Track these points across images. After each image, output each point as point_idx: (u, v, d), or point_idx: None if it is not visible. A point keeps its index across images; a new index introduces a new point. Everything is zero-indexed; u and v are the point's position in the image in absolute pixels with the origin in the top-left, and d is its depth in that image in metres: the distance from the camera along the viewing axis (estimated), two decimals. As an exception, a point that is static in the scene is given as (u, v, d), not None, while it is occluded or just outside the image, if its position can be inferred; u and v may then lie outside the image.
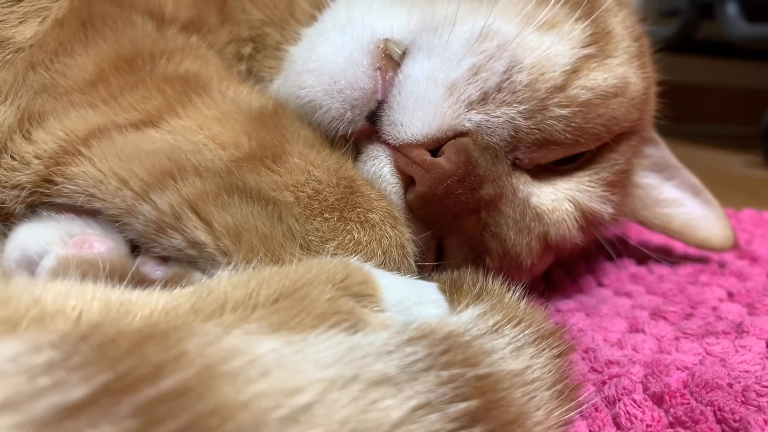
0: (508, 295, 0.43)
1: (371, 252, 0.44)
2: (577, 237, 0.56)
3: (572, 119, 0.51)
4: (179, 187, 0.43)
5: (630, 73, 0.55)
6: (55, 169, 0.45)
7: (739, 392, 0.45)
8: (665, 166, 0.72)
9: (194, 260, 0.44)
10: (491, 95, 0.48)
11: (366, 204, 0.46)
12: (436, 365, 0.31)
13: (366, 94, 0.48)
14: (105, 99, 0.48)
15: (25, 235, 0.46)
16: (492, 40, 0.49)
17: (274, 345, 0.29)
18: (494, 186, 0.49)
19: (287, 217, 0.43)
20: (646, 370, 0.47)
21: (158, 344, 0.26)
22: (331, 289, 0.36)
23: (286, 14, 0.61)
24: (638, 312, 0.60)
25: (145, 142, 0.46)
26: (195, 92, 0.49)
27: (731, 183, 1.54)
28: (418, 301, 0.40)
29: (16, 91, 0.49)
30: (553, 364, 0.38)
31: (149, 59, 0.51)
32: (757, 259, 0.76)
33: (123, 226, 0.45)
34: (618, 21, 0.57)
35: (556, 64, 0.51)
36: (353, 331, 0.33)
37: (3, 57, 0.50)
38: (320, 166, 0.46)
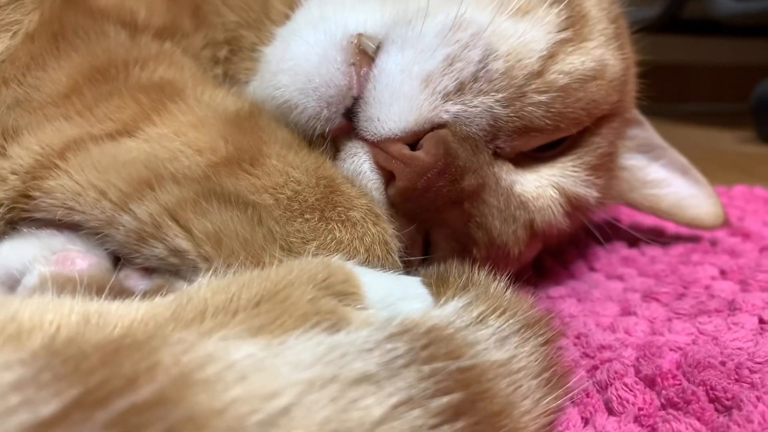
0: (493, 285, 0.43)
1: (354, 250, 0.44)
2: (563, 223, 0.55)
3: (551, 105, 0.50)
4: (157, 195, 0.43)
5: (608, 55, 0.55)
6: (32, 183, 0.45)
7: (732, 370, 0.44)
8: (651, 146, 0.72)
9: (177, 269, 0.44)
10: (468, 85, 0.48)
11: (346, 202, 0.46)
12: (417, 360, 0.31)
13: (341, 91, 0.47)
14: (80, 111, 0.48)
15: (6, 253, 0.45)
16: (466, 29, 0.49)
17: (252, 349, 0.29)
18: (476, 176, 0.48)
19: (267, 220, 0.43)
20: (638, 353, 0.47)
21: (132, 355, 0.26)
22: (312, 290, 0.36)
23: (260, 15, 0.60)
24: (630, 295, 0.60)
25: (122, 152, 0.45)
26: (170, 99, 0.49)
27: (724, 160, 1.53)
28: (402, 297, 0.40)
29: (-12, 108, 0.49)
30: (539, 352, 0.38)
31: (123, 68, 0.51)
32: (749, 235, 0.76)
33: (104, 238, 0.45)
34: (593, 3, 0.57)
35: (532, 50, 0.50)
36: (335, 330, 0.33)
37: (-26, 74, 0.49)
38: (299, 167, 0.46)
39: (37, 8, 0.53)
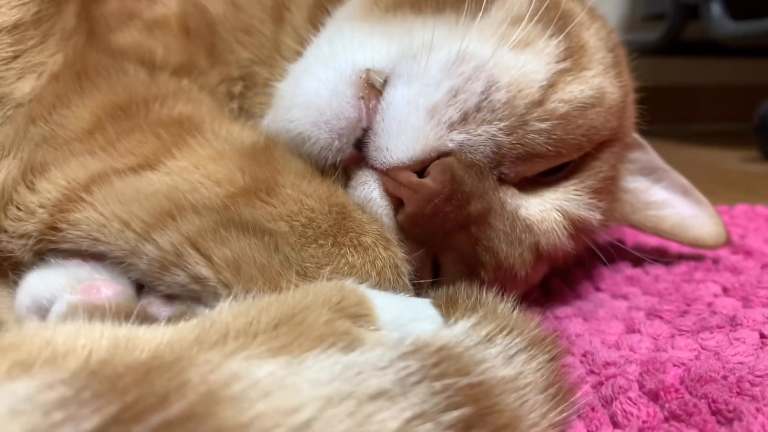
0: (501, 305, 0.45)
1: (366, 274, 0.46)
2: (568, 245, 0.57)
3: (552, 132, 0.52)
4: (179, 225, 0.45)
5: (606, 83, 0.57)
6: (59, 216, 0.47)
7: (733, 383, 0.46)
8: (653, 169, 0.74)
9: (198, 295, 0.46)
10: (471, 115, 0.50)
11: (358, 228, 0.48)
12: (429, 377, 0.32)
13: (351, 123, 0.50)
14: (103, 146, 0.51)
15: (35, 283, 0.48)
16: (469, 62, 0.51)
17: (274, 368, 0.31)
18: (482, 201, 0.50)
19: (283, 246, 0.45)
20: (642, 369, 0.49)
21: (163, 375, 0.28)
22: (327, 312, 0.38)
23: (273, 52, 0.63)
24: (634, 313, 0.61)
25: (144, 185, 0.48)
26: (189, 133, 0.51)
27: (729, 180, 1.55)
28: (413, 318, 0.42)
29: (18, 145, 0.51)
30: (545, 368, 0.39)
31: (143, 105, 0.54)
32: (751, 252, 0.78)
33: (128, 267, 0.47)
34: (591, 34, 0.59)
35: (532, 80, 0.53)
36: (350, 350, 0.35)
37: (4, 113, 0.52)
38: (312, 195, 0.48)
39: (60, 50, 0.56)
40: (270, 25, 0.64)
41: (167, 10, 0.63)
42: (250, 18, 0.63)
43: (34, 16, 0.54)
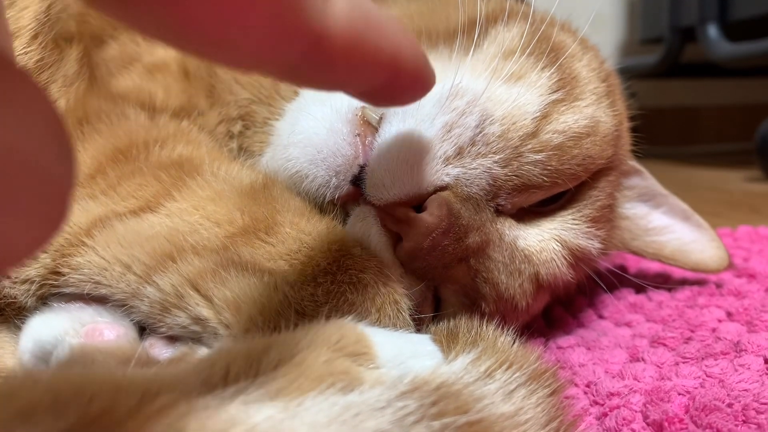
0: (501, 339, 0.45)
1: (366, 311, 0.46)
2: (567, 274, 0.57)
3: (548, 163, 0.53)
4: (179, 267, 0.46)
5: (599, 112, 0.57)
6: (61, 260, 0.48)
7: (739, 411, 0.46)
8: (652, 195, 0.74)
9: (199, 336, 0.46)
10: (466, 149, 0.51)
11: (357, 265, 0.48)
12: (427, 416, 0.32)
13: (348, 160, 0.50)
14: (104, 190, 0.51)
15: (37, 327, 0.48)
16: (462, 97, 0.52)
17: (272, 412, 0.31)
18: (479, 234, 0.51)
19: (283, 286, 0.45)
20: (646, 399, 0.48)
21: (161, 421, 0.28)
22: (327, 352, 0.38)
23: (271, 91, 0.64)
24: (638, 341, 0.61)
25: (145, 228, 0.48)
26: (189, 175, 0.52)
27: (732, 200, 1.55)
28: (412, 355, 0.42)
29: (21, 191, 0.52)
30: (546, 403, 0.39)
31: (143, 148, 0.55)
32: (754, 275, 0.77)
33: (129, 309, 0.47)
34: (583, 65, 0.60)
35: (526, 112, 0.53)
36: (349, 390, 0.35)
37: (7, 160, 0.53)
38: (311, 233, 0.49)
39: (62, 96, 0.57)
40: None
41: (167, 54, 0.64)
42: None
43: (36, 64, 0.55)
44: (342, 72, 0.30)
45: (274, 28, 0.25)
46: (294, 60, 0.27)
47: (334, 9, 0.27)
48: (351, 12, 0.28)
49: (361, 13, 0.29)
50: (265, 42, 0.25)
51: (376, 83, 0.33)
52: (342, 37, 0.28)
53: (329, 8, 0.27)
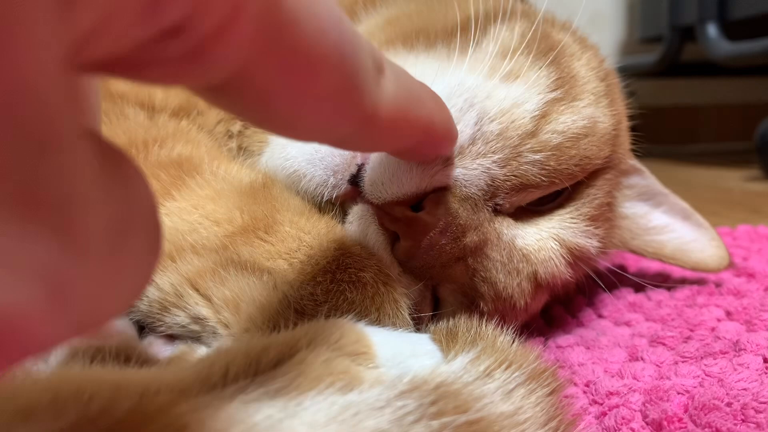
0: (500, 338, 0.45)
1: (365, 310, 0.46)
2: (566, 273, 0.57)
3: (546, 163, 0.53)
4: (178, 266, 0.46)
5: (598, 112, 0.57)
6: None
7: (738, 411, 0.46)
8: (652, 194, 0.74)
9: (198, 335, 0.46)
10: (467, 148, 0.51)
11: (356, 264, 0.48)
12: (426, 415, 0.32)
13: (346, 160, 0.50)
14: (103, 189, 0.51)
15: (37, 327, 0.48)
16: (460, 95, 0.52)
17: (271, 411, 0.31)
18: (477, 233, 0.51)
19: (282, 285, 0.46)
20: (645, 398, 0.48)
21: (160, 420, 0.28)
22: (326, 351, 0.38)
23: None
24: (637, 340, 0.61)
25: (144, 227, 0.48)
26: (188, 174, 0.52)
27: (731, 199, 1.55)
28: (411, 354, 0.42)
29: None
30: (545, 402, 0.39)
31: (143, 147, 0.55)
32: (754, 274, 0.77)
33: (128, 309, 0.47)
34: (582, 64, 0.60)
35: (524, 110, 0.53)
36: (348, 390, 0.35)
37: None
38: (310, 232, 0.49)
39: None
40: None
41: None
42: None
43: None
44: (384, 140, 0.35)
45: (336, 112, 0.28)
46: (346, 135, 0.31)
47: (385, 90, 0.31)
48: (397, 90, 0.32)
49: (405, 90, 0.33)
50: (327, 122, 0.29)
51: (411, 145, 0.37)
52: (389, 114, 0.31)
53: (381, 90, 0.30)
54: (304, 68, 0.25)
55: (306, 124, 0.28)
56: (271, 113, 0.27)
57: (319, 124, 0.29)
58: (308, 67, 0.25)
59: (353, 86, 0.28)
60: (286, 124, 0.28)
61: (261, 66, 0.24)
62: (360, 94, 0.29)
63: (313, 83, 0.26)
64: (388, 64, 0.31)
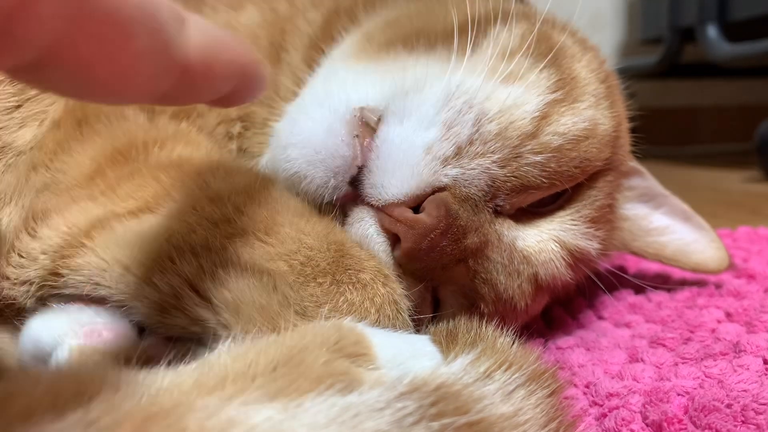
0: (500, 339, 0.45)
1: (365, 311, 0.46)
2: (566, 275, 0.57)
3: (546, 164, 0.53)
4: (178, 267, 0.46)
5: (598, 114, 0.57)
6: (60, 262, 0.48)
7: (738, 412, 0.46)
8: (652, 195, 0.74)
9: (198, 336, 0.46)
10: (465, 149, 0.50)
11: (356, 265, 0.48)
12: (426, 416, 0.32)
13: (347, 161, 0.50)
14: (103, 191, 0.51)
15: (37, 328, 0.48)
16: (459, 97, 0.52)
17: (271, 413, 0.31)
18: (478, 234, 0.51)
19: (282, 286, 0.45)
20: (645, 399, 0.48)
21: (160, 422, 0.28)
22: (326, 353, 0.38)
23: (270, 93, 0.64)
24: (637, 341, 0.61)
25: (144, 228, 0.48)
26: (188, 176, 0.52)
27: (731, 200, 1.55)
28: (411, 355, 0.42)
29: (19, 193, 0.52)
30: (545, 403, 0.39)
31: (143, 149, 0.55)
32: (754, 276, 0.77)
33: (129, 310, 0.47)
34: (582, 66, 0.60)
35: (524, 111, 0.53)
36: (348, 391, 0.35)
37: (6, 162, 0.53)
38: (310, 234, 0.49)
39: (61, 98, 0.57)
40: (267, 66, 0.65)
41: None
42: None
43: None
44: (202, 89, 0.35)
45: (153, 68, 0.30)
46: (165, 90, 0.32)
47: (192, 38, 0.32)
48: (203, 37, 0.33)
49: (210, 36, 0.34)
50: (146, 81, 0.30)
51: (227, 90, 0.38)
52: (200, 60, 0.33)
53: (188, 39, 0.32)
54: (113, 32, 0.26)
55: (127, 86, 0.29)
56: (93, 82, 0.28)
57: (139, 84, 0.30)
58: (118, 30, 0.26)
59: (163, 40, 0.30)
60: (110, 90, 0.29)
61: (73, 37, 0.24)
62: (170, 47, 0.30)
63: (126, 44, 0.27)
64: (190, 15, 0.33)
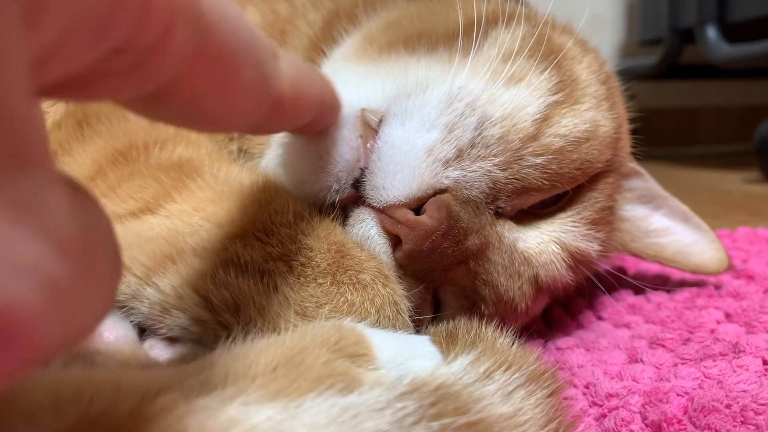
0: (500, 340, 0.45)
1: (365, 312, 0.46)
2: (567, 276, 0.57)
3: (548, 166, 0.53)
4: (179, 268, 0.46)
5: (599, 116, 0.57)
6: None
7: (737, 413, 0.46)
8: (652, 196, 0.74)
9: (198, 337, 0.46)
10: (466, 151, 0.51)
11: (357, 266, 0.48)
12: (426, 416, 0.33)
13: (349, 165, 0.50)
14: (104, 192, 0.51)
15: (37, 329, 0.48)
16: (462, 99, 0.52)
17: (271, 413, 0.31)
18: (479, 236, 0.51)
19: (282, 286, 0.46)
20: (645, 400, 0.48)
21: (160, 422, 0.29)
22: (326, 353, 0.38)
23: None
24: (637, 342, 0.61)
25: (145, 229, 0.48)
26: (188, 176, 0.52)
27: (731, 201, 1.55)
28: (411, 356, 0.42)
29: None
30: (545, 403, 0.39)
31: (143, 150, 0.55)
32: (753, 277, 0.78)
33: (129, 311, 0.48)
34: (583, 67, 0.60)
35: (526, 114, 0.53)
36: (348, 392, 0.35)
37: (7, 163, 0.53)
38: (310, 234, 0.49)
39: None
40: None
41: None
42: None
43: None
44: (290, 119, 0.38)
45: (254, 100, 0.32)
46: (260, 120, 0.34)
47: (284, 73, 0.34)
48: (293, 72, 0.36)
49: (298, 71, 0.37)
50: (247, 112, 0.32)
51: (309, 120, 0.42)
52: (291, 93, 0.35)
53: (282, 74, 0.34)
54: (226, 65, 0.28)
55: (231, 116, 0.32)
56: (202, 111, 0.30)
57: (241, 114, 0.32)
58: (229, 64, 0.28)
59: (264, 74, 0.32)
60: (215, 119, 0.31)
61: (192, 69, 0.26)
62: (269, 80, 0.33)
63: (235, 77, 0.29)
64: (280, 50, 0.35)
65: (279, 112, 0.35)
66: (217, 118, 0.31)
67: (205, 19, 0.26)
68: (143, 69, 0.24)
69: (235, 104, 0.31)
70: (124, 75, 0.23)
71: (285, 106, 0.35)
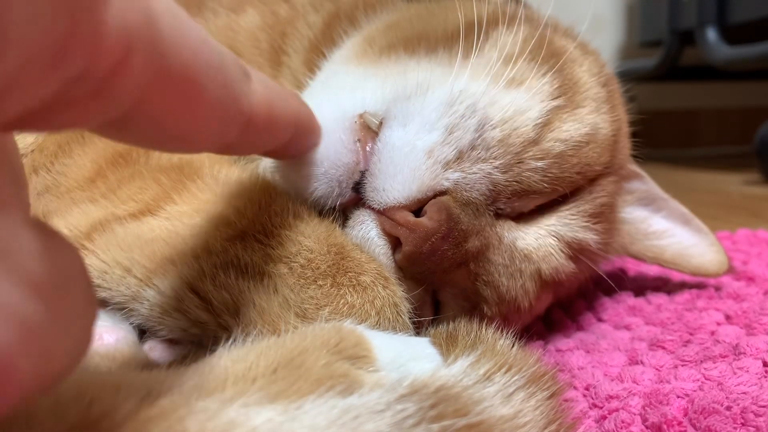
0: (500, 341, 0.45)
1: (365, 313, 0.46)
2: (568, 266, 0.57)
3: (548, 170, 0.53)
4: (179, 270, 0.46)
5: (599, 119, 0.57)
6: None
7: (737, 414, 0.46)
8: (652, 198, 0.74)
9: (198, 339, 0.46)
10: (466, 153, 0.50)
11: (357, 268, 0.48)
12: (426, 418, 0.33)
13: (350, 169, 0.50)
14: (104, 193, 0.51)
15: (38, 330, 0.48)
16: (462, 101, 0.52)
17: (271, 414, 0.31)
18: (479, 238, 0.51)
19: (282, 288, 0.46)
20: (645, 402, 0.48)
21: (160, 424, 0.29)
22: (326, 355, 0.38)
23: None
24: (637, 344, 0.61)
25: (145, 231, 0.48)
26: (188, 178, 0.52)
27: (731, 203, 1.55)
28: (411, 358, 0.42)
29: (21, 196, 0.52)
30: (545, 405, 0.39)
31: (143, 151, 0.55)
32: (753, 278, 0.78)
33: (129, 313, 0.47)
34: (584, 70, 0.60)
35: (527, 118, 0.53)
36: (348, 393, 0.35)
37: (7, 164, 0.53)
38: (310, 236, 0.49)
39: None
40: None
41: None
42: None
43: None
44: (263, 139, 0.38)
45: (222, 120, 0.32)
46: (231, 140, 0.34)
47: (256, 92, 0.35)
48: (265, 91, 0.36)
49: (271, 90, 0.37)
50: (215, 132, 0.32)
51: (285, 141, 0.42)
52: (263, 113, 0.36)
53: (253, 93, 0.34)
54: (189, 86, 0.28)
55: (199, 136, 0.31)
56: (167, 133, 0.30)
57: (208, 135, 0.32)
58: (192, 85, 0.28)
59: (232, 93, 0.32)
60: (183, 140, 0.31)
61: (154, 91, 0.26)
62: (238, 99, 0.33)
63: (199, 97, 0.29)
64: (252, 71, 0.35)
65: (252, 131, 0.35)
66: (185, 138, 0.31)
67: (164, 42, 0.26)
68: (104, 95, 0.24)
69: (203, 124, 0.31)
70: (87, 103, 0.23)
71: (258, 125, 0.35)
